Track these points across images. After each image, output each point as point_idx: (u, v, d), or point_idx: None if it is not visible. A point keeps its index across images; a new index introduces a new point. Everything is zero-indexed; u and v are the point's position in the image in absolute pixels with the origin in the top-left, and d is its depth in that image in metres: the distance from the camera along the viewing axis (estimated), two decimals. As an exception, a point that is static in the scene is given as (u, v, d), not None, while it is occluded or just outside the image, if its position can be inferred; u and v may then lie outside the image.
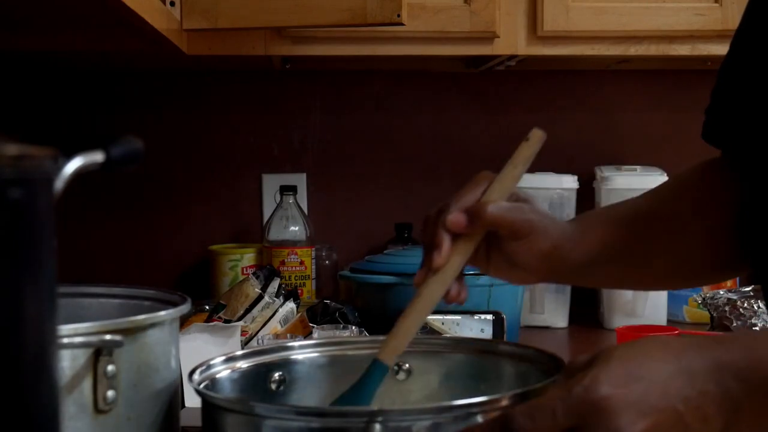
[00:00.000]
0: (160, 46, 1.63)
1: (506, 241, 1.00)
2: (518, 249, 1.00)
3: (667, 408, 0.78)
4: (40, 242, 0.59)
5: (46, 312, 0.60)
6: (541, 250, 1.00)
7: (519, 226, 0.98)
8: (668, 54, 1.95)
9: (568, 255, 1.03)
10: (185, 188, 2.27)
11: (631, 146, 2.30)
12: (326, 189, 2.30)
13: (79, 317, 0.99)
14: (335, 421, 0.81)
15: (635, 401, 0.77)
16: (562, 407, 0.77)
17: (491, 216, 0.96)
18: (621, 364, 0.79)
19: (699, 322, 2.00)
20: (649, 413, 0.77)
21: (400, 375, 1.04)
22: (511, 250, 1.00)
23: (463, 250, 0.97)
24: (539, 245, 1.00)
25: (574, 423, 0.77)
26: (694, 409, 0.78)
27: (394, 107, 2.30)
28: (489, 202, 0.97)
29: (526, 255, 1.00)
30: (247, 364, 0.99)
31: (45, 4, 1.33)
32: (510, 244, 1.00)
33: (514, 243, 1.00)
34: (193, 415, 0.98)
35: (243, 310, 1.67)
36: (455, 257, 0.96)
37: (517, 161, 0.98)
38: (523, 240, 0.99)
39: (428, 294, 0.95)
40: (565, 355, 1.00)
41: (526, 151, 0.98)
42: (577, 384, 0.78)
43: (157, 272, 2.24)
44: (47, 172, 0.60)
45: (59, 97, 2.22)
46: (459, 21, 1.87)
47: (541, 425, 0.77)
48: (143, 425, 0.90)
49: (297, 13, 1.62)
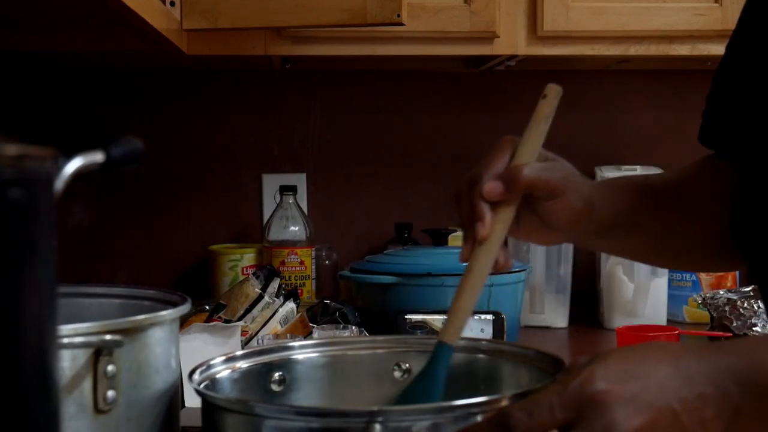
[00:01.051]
0: (160, 46, 1.63)
1: (540, 202, 1.00)
2: (552, 208, 1.00)
3: (664, 407, 0.78)
4: (40, 242, 0.59)
5: (46, 312, 0.60)
6: (575, 207, 1.00)
7: (555, 185, 0.98)
8: (668, 54, 1.95)
9: (598, 213, 1.03)
10: (185, 188, 2.27)
11: (631, 146, 2.30)
12: (326, 189, 2.30)
13: (79, 317, 0.99)
14: (335, 421, 0.81)
15: (631, 398, 0.77)
16: (558, 401, 0.77)
17: (528, 178, 0.96)
18: (618, 362, 0.79)
19: (699, 322, 2.00)
20: (645, 410, 0.77)
21: (400, 375, 1.04)
22: (545, 210, 1.00)
23: (504, 217, 0.96)
24: (573, 203, 1.00)
25: (571, 417, 0.77)
26: (691, 411, 0.78)
27: (394, 107, 2.30)
28: (523, 164, 0.96)
29: (559, 213, 1.00)
30: (247, 364, 0.99)
31: (45, 4, 1.33)
32: (544, 204, 1.00)
33: (549, 202, 0.99)
34: (193, 415, 0.98)
35: (243, 310, 1.67)
36: (498, 226, 0.95)
37: (539, 119, 0.98)
38: (559, 198, 0.99)
39: (479, 267, 0.94)
40: (565, 355, 1.00)
41: (546, 108, 0.99)
42: (573, 379, 0.78)
43: (157, 272, 2.24)
44: (47, 172, 0.60)
45: (59, 97, 2.22)
46: (459, 21, 1.87)
47: (539, 420, 0.77)
48: (143, 425, 0.90)
49: (297, 13, 1.62)
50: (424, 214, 2.26)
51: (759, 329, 1.75)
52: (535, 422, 0.77)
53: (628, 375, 0.78)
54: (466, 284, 0.94)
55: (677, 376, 0.79)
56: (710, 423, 0.79)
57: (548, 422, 0.77)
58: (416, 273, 1.81)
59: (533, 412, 0.77)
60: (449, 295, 1.78)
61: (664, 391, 0.78)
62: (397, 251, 1.98)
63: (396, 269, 1.83)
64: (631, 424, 0.76)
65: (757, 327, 1.76)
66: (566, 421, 0.77)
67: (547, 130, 0.99)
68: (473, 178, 0.97)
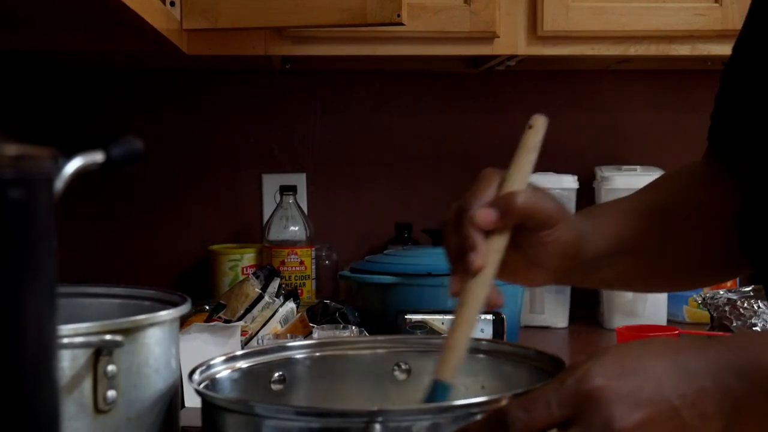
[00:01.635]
0: (160, 46, 1.63)
1: (530, 234, 0.95)
2: (544, 240, 0.95)
3: (662, 402, 0.77)
4: (40, 242, 0.59)
5: (46, 312, 0.60)
6: (567, 240, 0.96)
7: (550, 214, 0.94)
8: (668, 54, 1.95)
9: (587, 245, 1.00)
10: (185, 188, 2.27)
11: (631, 146, 2.30)
12: (326, 189, 2.30)
13: (79, 317, 0.99)
14: (335, 421, 0.81)
15: (628, 393, 0.77)
16: (555, 398, 0.77)
17: (524, 205, 0.91)
18: (615, 358, 0.79)
19: (699, 322, 2.00)
20: (643, 406, 0.77)
21: (400, 375, 1.04)
22: (535, 243, 0.95)
23: (498, 246, 0.91)
24: (565, 235, 0.95)
25: (569, 414, 0.77)
26: (691, 405, 0.78)
27: (394, 107, 2.30)
28: (516, 191, 0.92)
29: (550, 246, 0.95)
30: (247, 364, 0.99)
31: (45, 4, 1.33)
32: (535, 236, 0.95)
33: (541, 233, 0.94)
34: (193, 415, 0.98)
35: (243, 310, 1.67)
36: (492, 255, 0.90)
37: (527, 149, 0.94)
38: (551, 229, 0.94)
39: (473, 299, 0.89)
40: (565, 355, 1.00)
41: (533, 138, 0.94)
42: (569, 376, 0.78)
43: (157, 272, 2.24)
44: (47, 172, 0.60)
45: (59, 97, 2.22)
46: (459, 21, 1.87)
47: (536, 417, 0.77)
48: (143, 425, 0.90)
49: (297, 13, 1.62)
50: (424, 214, 2.26)
51: (759, 329, 1.75)
52: (532, 419, 0.77)
53: (625, 371, 0.78)
54: (461, 319, 0.88)
55: (676, 371, 0.79)
56: (710, 418, 0.78)
57: (546, 419, 0.77)
58: (416, 273, 1.81)
59: (530, 409, 0.77)
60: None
61: (662, 386, 0.78)
62: (397, 251, 1.98)
63: (396, 269, 1.83)
64: (630, 420, 0.76)
65: (757, 327, 1.76)
66: (564, 419, 0.77)
67: (535, 160, 0.95)
68: (461, 208, 0.92)
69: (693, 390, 0.78)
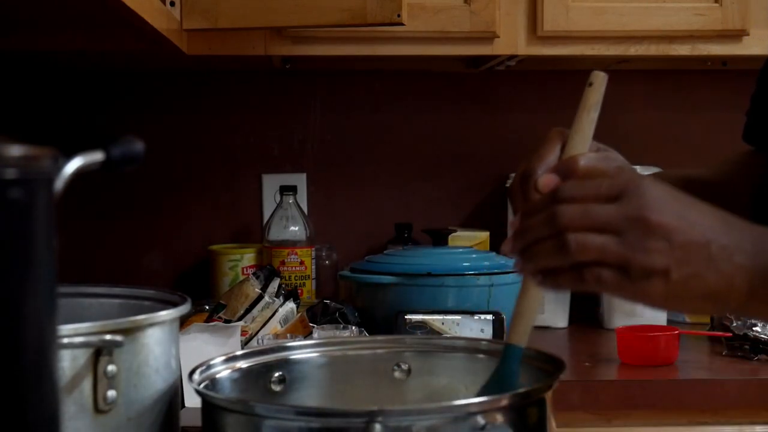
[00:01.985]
0: (160, 46, 1.63)
1: None
2: None
3: (697, 229, 0.78)
4: (40, 242, 0.59)
5: (46, 312, 0.60)
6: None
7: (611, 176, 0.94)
8: (668, 54, 1.95)
9: None
10: (185, 188, 2.27)
11: (631, 146, 2.30)
12: (326, 189, 2.30)
13: (79, 317, 0.99)
14: (335, 421, 0.81)
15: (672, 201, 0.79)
16: (607, 182, 0.80)
17: (585, 168, 0.92)
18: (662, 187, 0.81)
19: (699, 322, 2.00)
20: (680, 218, 0.78)
21: (400, 375, 1.04)
22: None
23: None
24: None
25: (616, 193, 0.79)
26: (723, 247, 0.78)
27: (394, 107, 2.30)
28: (578, 155, 0.93)
29: None
30: (247, 364, 0.99)
31: (45, 4, 1.33)
32: None
33: None
34: (193, 415, 0.98)
35: (243, 310, 1.67)
36: None
37: (587, 107, 0.95)
38: None
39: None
40: (565, 355, 1.00)
41: (593, 96, 0.95)
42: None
43: (157, 272, 2.24)
44: (47, 172, 0.60)
45: (59, 97, 2.22)
46: (459, 21, 1.87)
47: (588, 187, 0.80)
48: (143, 425, 0.90)
49: (297, 13, 1.62)
50: (424, 214, 2.26)
51: (759, 329, 1.75)
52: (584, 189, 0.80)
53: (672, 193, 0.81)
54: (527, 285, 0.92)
55: (718, 217, 0.80)
56: (738, 267, 0.79)
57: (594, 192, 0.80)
58: (416, 273, 1.81)
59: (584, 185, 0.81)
60: (449, 295, 1.80)
61: (703, 218, 0.79)
62: (397, 251, 1.98)
63: (396, 269, 1.83)
64: (662, 219, 0.78)
65: (758, 327, 1.76)
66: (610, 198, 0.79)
67: (597, 118, 0.96)
68: (525, 172, 0.93)
69: (730, 237, 0.79)
